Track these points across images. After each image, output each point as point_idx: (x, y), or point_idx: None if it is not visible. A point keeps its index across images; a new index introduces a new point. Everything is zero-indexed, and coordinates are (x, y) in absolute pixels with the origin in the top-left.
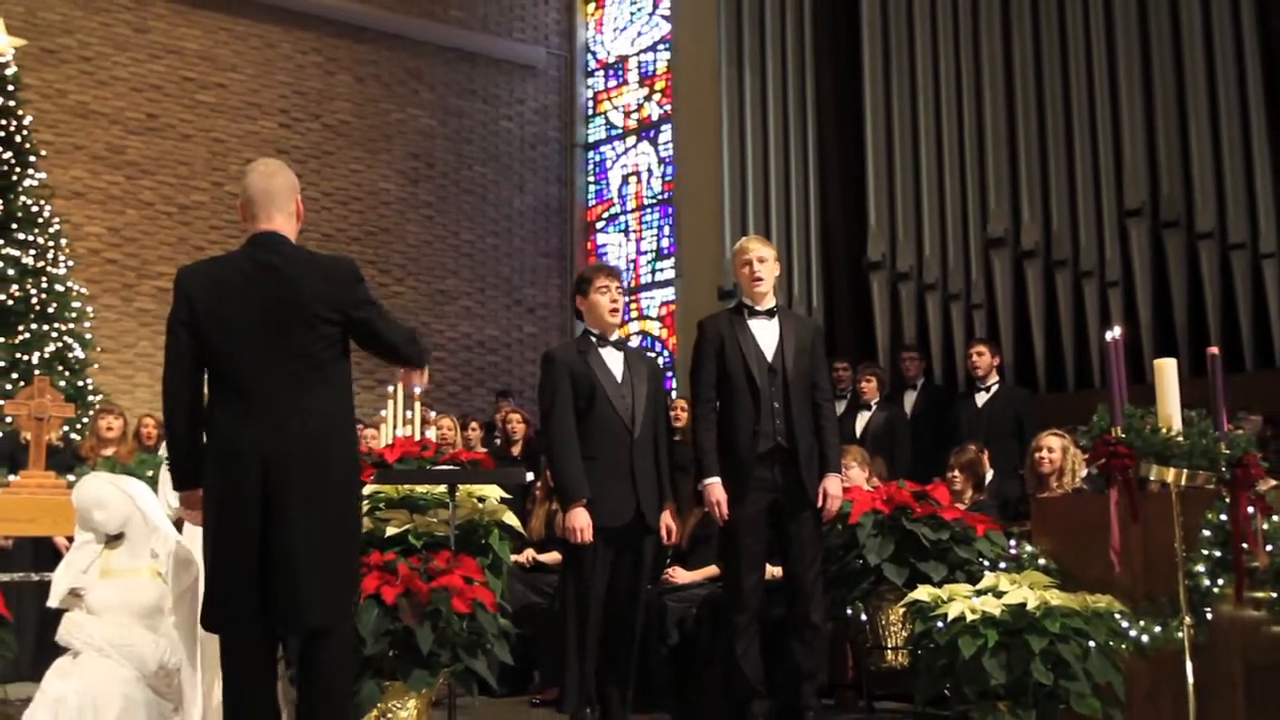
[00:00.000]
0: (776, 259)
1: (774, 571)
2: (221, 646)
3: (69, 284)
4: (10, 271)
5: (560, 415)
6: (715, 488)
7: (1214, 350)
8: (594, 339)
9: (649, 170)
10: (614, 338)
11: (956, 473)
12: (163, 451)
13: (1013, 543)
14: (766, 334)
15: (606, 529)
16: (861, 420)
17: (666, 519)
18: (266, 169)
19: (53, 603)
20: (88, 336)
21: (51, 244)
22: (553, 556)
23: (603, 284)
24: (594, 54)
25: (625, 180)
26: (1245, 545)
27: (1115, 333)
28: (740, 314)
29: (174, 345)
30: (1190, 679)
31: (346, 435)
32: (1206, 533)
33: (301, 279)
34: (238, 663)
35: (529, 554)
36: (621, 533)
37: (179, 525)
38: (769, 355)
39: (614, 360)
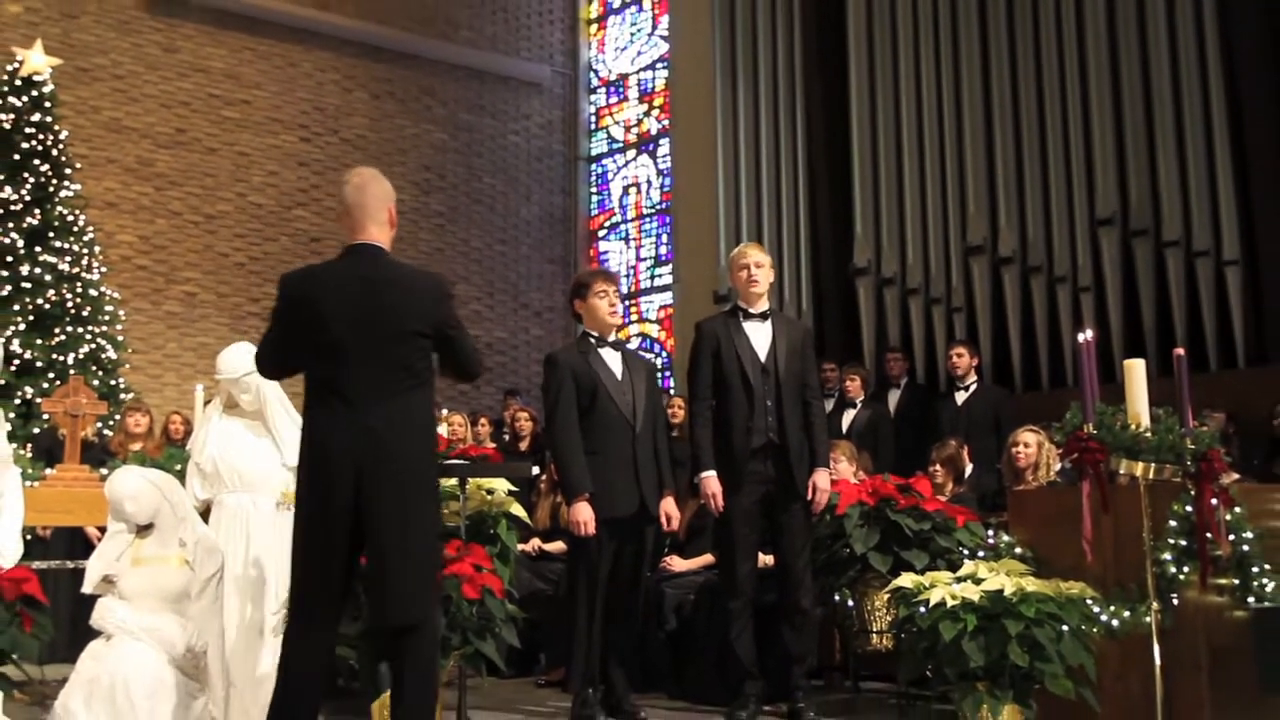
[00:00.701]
0: (772, 265)
1: (766, 560)
2: (291, 628)
3: (102, 289)
4: (47, 277)
5: (564, 415)
6: (711, 481)
7: (1180, 351)
8: (593, 340)
9: (648, 182)
10: (612, 338)
11: (938, 467)
12: (189, 447)
13: (991, 533)
14: (760, 336)
15: (611, 520)
16: (847, 417)
17: (666, 506)
18: (360, 180)
19: (87, 589)
20: (119, 339)
21: (85, 251)
22: (557, 546)
23: (601, 288)
24: (596, 72)
25: (625, 191)
26: (1209, 535)
27: (1087, 335)
28: (735, 317)
29: (270, 335)
30: (1157, 661)
31: (431, 440)
32: (1173, 523)
33: (399, 294)
34: (306, 645)
35: (535, 543)
36: (625, 522)
37: (205, 516)
38: (762, 356)
39: (614, 360)
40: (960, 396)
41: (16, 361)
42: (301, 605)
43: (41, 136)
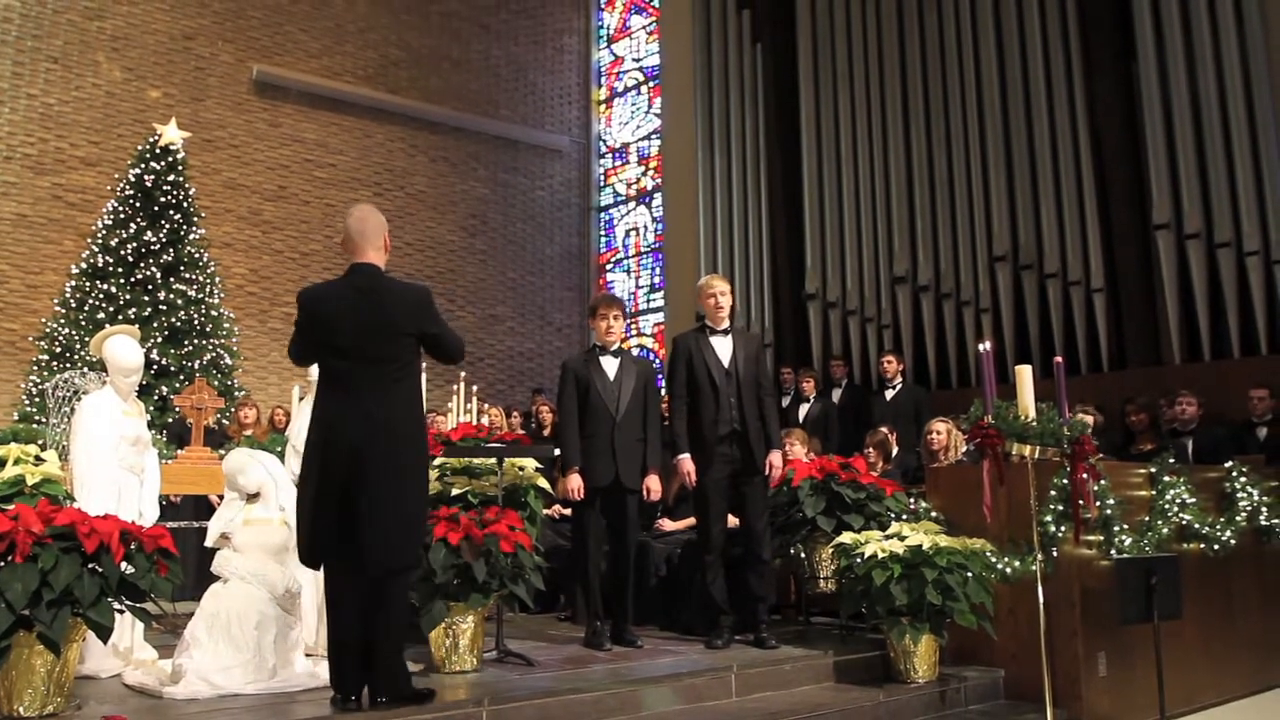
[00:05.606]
0: (732, 291)
1: (735, 521)
2: (325, 575)
3: (221, 310)
4: (179, 301)
5: (567, 408)
6: (685, 461)
7: (1059, 359)
8: (597, 349)
9: (645, 226)
10: (613, 349)
11: (871, 449)
12: (287, 433)
13: (912, 500)
14: (723, 347)
15: (596, 489)
16: (803, 410)
17: (649, 482)
18: (360, 214)
19: (209, 543)
20: (234, 349)
21: (208, 281)
22: None
23: (604, 312)
24: (604, 141)
25: (627, 234)
26: (1081, 501)
27: (986, 346)
28: (704, 332)
29: (296, 339)
30: (1041, 599)
31: (417, 424)
32: (1053, 492)
33: (391, 303)
34: (336, 588)
35: (556, 509)
36: (607, 491)
37: None
38: (725, 363)
39: (610, 366)
40: (889, 394)
41: (155, 366)
42: (312, 552)
43: (175, 192)
